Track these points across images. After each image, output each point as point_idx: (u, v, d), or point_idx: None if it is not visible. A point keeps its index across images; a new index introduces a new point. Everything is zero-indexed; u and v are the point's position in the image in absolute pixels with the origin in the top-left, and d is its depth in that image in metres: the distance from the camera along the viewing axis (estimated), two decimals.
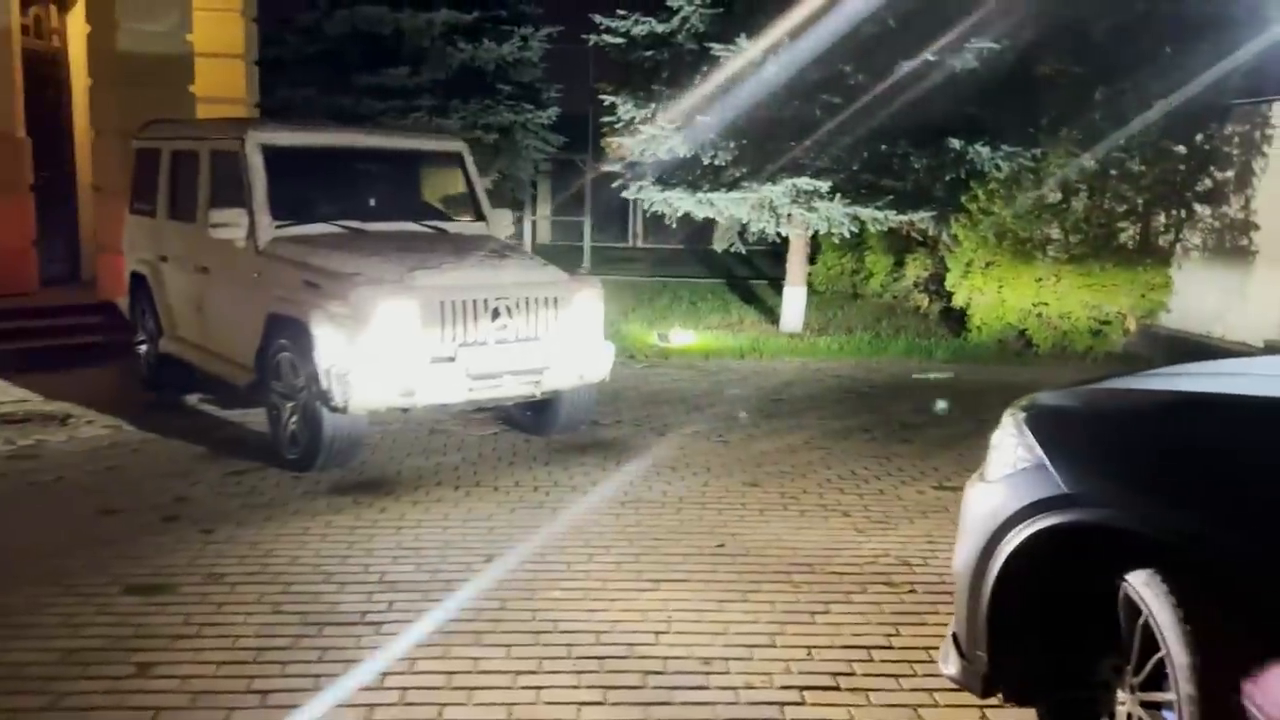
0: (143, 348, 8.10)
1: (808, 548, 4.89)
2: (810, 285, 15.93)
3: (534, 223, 21.55)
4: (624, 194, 11.83)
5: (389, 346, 5.52)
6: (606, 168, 12.28)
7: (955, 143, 10.32)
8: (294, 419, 5.92)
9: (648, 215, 13.27)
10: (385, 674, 3.52)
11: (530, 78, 15.09)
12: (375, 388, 5.48)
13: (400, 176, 7.25)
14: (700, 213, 11.12)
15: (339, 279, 5.64)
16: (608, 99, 11.41)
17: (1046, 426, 2.83)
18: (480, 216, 7.24)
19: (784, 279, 12.01)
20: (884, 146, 10.78)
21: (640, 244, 27.62)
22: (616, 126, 11.57)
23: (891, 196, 10.71)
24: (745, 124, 10.63)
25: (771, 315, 13.14)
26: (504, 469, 6.08)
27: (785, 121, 10.54)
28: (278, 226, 6.36)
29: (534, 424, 6.84)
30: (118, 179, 9.05)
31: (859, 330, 11.84)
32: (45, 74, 10.62)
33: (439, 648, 3.73)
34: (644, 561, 4.62)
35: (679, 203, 11.01)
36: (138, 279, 8.02)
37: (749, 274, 18.21)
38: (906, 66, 10.37)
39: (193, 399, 7.60)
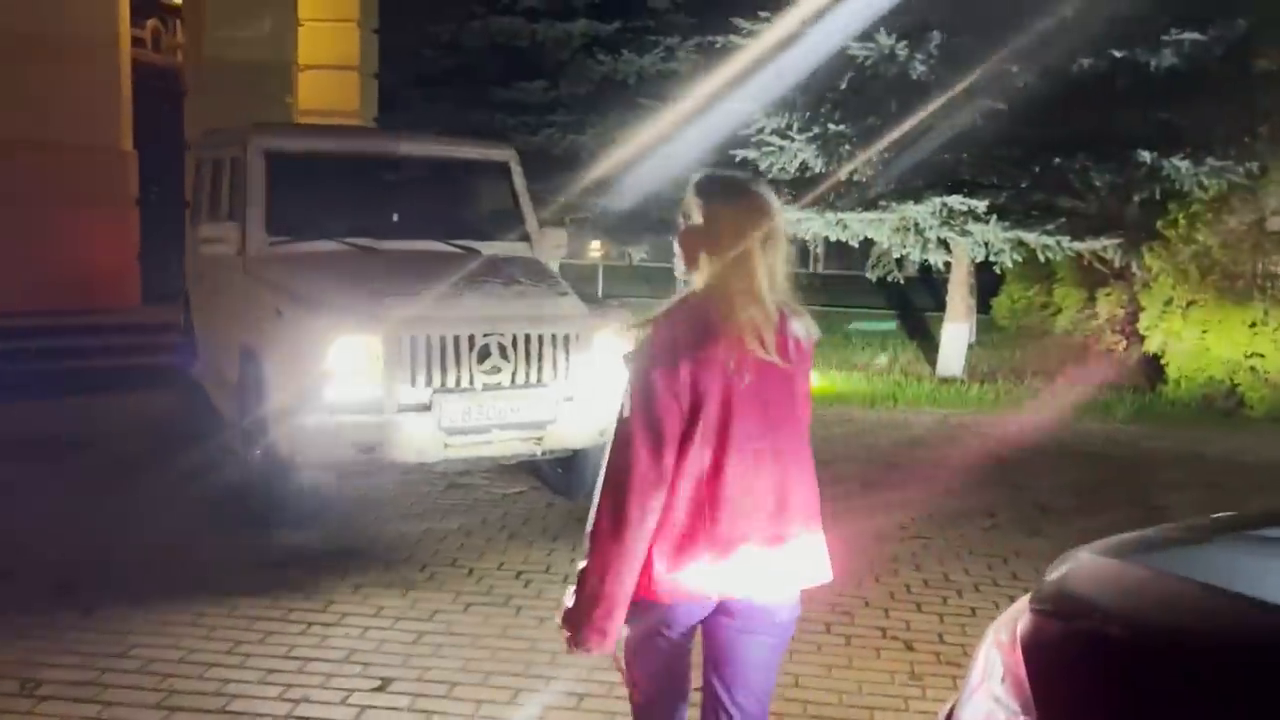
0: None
1: (824, 702, 3.49)
2: (992, 320, 14.11)
3: None
4: None
5: (344, 390, 4.51)
6: None
7: (1147, 155, 8.44)
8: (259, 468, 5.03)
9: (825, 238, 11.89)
10: None
11: (678, 91, 14.05)
12: (325, 440, 4.49)
13: (433, 188, 6.29)
14: (832, 235, 9.69)
15: (299, 306, 4.70)
16: (738, 109, 10.18)
17: (1051, 646, 1.42)
18: (525, 236, 6.18)
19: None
20: (1058, 159, 9.03)
21: (821, 269, 26.05)
22: (751, 139, 10.32)
23: (1065, 219, 8.93)
24: (887, 133, 9.14)
25: (933, 354, 11.48)
26: (499, 543, 4.95)
27: (937, 130, 8.97)
28: (272, 243, 5.51)
29: (563, 484, 5.70)
30: None
31: (1030, 377, 10.03)
32: (161, 87, 10.43)
33: None
34: (583, 709, 3.37)
35: (809, 224, 9.62)
36: (187, 298, 7.46)
37: (932, 305, 16.39)
38: (1086, 64, 8.63)
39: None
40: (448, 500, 5.62)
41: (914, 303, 16.51)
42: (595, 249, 13.79)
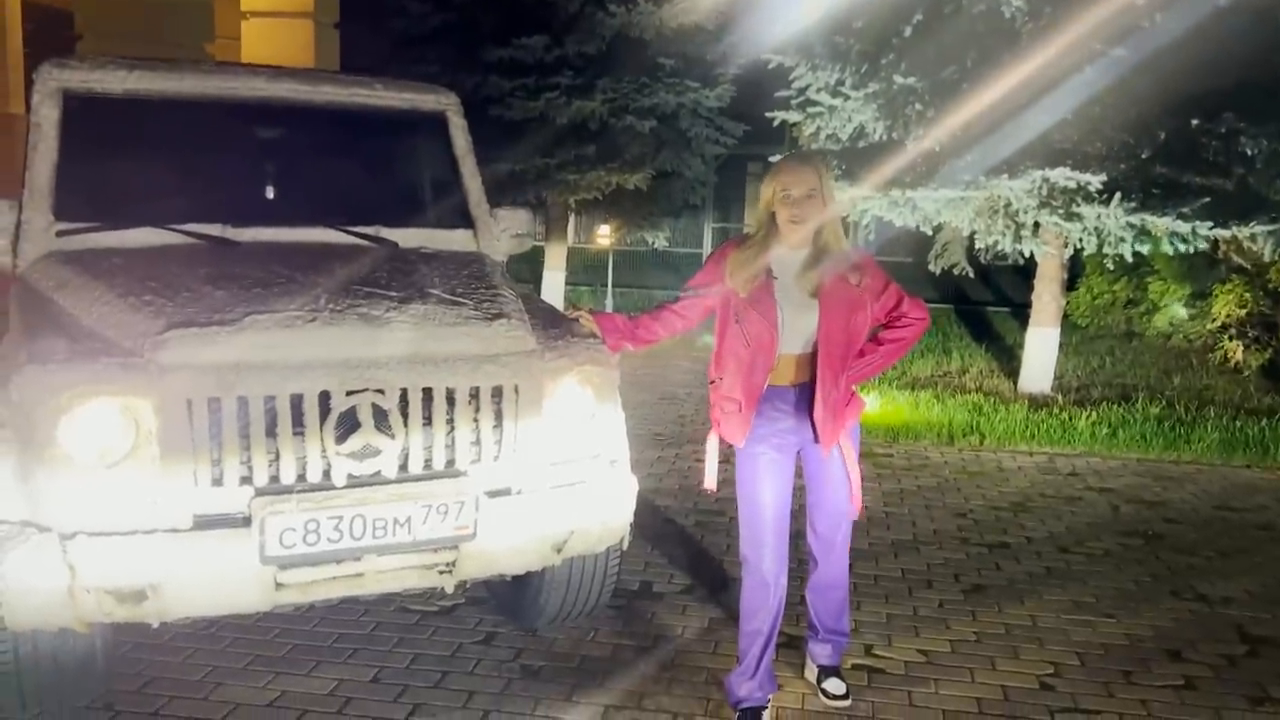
0: None
1: None
2: (1065, 316, 11.99)
3: (715, 232, 18.38)
4: None
5: (87, 494, 2.55)
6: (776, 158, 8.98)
7: None
8: None
9: (865, 224, 9.67)
10: None
11: (703, 50, 11.94)
12: (51, 583, 2.52)
13: (333, 151, 4.29)
14: (898, 219, 7.62)
15: (32, 343, 2.74)
16: (773, 59, 8.12)
17: None
18: (467, 220, 4.17)
19: (1031, 307, 8.29)
20: (1195, 122, 6.93)
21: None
22: (792, 102, 8.27)
23: (1208, 199, 6.83)
24: (974, 89, 7.06)
25: (1009, 362, 9.45)
26: None
27: (1036, 86, 6.86)
28: (61, 232, 3.55)
29: (514, 601, 3.73)
30: None
31: (1139, 397, 7.94)
32: (65, 36, 8.52)
33: None
34: None
35: (867, 204, 7.55)
36: None
37: (989, 298, 14.28)
38: None
39: None
40: (332, 626, 3.66)
41: (969, 295, 14.38)
42: (604, 235, 11.72)
